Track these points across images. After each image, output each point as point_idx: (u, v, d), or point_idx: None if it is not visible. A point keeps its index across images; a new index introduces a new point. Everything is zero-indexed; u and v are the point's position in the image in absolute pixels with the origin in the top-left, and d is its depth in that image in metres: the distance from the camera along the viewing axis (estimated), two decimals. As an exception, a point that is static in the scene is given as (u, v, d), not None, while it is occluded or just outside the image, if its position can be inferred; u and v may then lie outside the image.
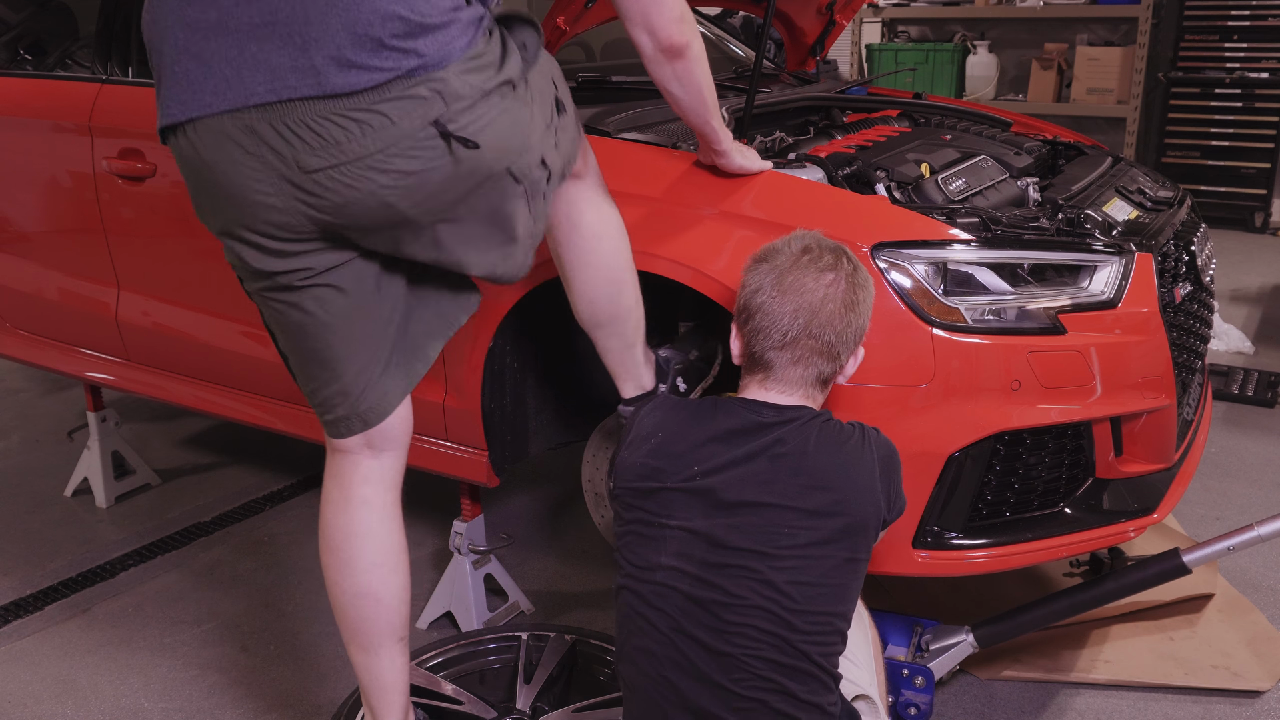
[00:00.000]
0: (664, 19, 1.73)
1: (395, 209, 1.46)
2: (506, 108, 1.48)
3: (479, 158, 1.46)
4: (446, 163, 1.44)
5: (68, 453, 3.41)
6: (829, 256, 1.57)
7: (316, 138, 1.39)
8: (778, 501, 1.48)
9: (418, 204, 1.47)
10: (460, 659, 2.17)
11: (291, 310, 1.58)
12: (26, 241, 2.92)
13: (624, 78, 2.58)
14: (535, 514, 3.02)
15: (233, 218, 1.50)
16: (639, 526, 1.55)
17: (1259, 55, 5.93)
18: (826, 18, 3.01)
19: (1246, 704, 2.17)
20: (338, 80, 1.36)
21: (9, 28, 2.99)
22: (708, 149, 1.94)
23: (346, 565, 1.72)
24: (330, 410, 1.68)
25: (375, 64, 1.37)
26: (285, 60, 1.37)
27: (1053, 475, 1.95)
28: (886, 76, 5.75)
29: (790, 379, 1.56)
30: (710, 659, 1.48)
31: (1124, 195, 2.34)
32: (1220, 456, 3.27)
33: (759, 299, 1.56)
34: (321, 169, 1.41)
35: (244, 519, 3.04)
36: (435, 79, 1.39)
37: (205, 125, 1.43)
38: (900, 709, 2.01)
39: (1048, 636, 2.30)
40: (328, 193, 1.43)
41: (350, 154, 1.40)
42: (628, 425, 1.64)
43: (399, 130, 1.40)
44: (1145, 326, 1.92)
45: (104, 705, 2.24)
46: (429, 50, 1.39)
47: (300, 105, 1.38)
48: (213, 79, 1.41)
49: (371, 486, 1.72)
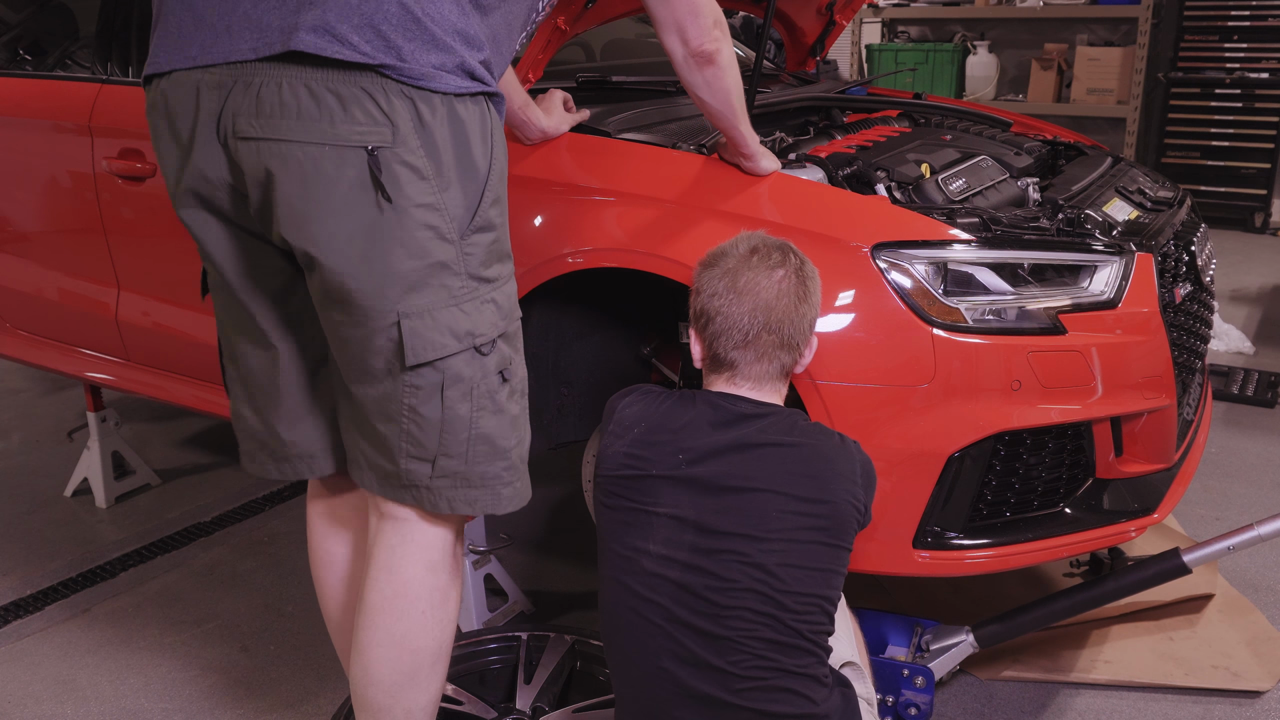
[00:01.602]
0: (698, 26, 1.73)
1: (270, 185, 1.37)
2: (433, 224, 1.39)
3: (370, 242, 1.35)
4: (358, 203, 1.35)
5: (68, 453, 3.41)
6: (777, 254, 1.61)
7: (258, 102, 1.34)
8: (765, 487, 1.51)
9: (292, 229, 1.38)
10: (460, 659, 2.17)
11: None
12: (27, 242, 2.92)
13: (624, 78, 2.57)
14: (535, 514, 3.02)
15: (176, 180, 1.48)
16: (623, 514, 1.56)
17: (1259, 55, 5.93)
18: (826, 18, 3.01)
19: (1246, 704, 2.17)
20: (308, 39, 1.31)
21: (9, 28, 2.99)
22: (735, 153, 1.95)
23: (340, 582, 1.72)
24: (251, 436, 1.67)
25: (353, 40, 1.32)
26: (275, 19, 1.34)
27: (1053, 475, 1.95)
28: (886, 76, 5.76)
29: (756, 374, 1.60)
30: (707, 644, 1.49)
31: (1124, 195, 2.34)
32: (1220, 456, 3.27)
33: (715, 303, 1.60)
34: (248, 137, 1.36)
35: (244, 519, 3.04)
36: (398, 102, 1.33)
37: (180, 77, 1.41)
38: (900, 709, 2.01)
39: (1048, 636, 2.30)
40: (243, 164, 1.38)
41: (276, 130, 1.34)
42: (607, 415, 1.66)
43: (331, 131, 1.33)
44: (1145, 326, 1.92)
45: (104, 705, 2.24)
46: (413, 59, 1.34)
47: (269, 65, 1.34)
48: (202, 33, 1.39)
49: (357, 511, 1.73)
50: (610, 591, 1.58)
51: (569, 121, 2.10)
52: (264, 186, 1.38)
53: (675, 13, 1.72)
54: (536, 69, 2.10)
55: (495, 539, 2.46)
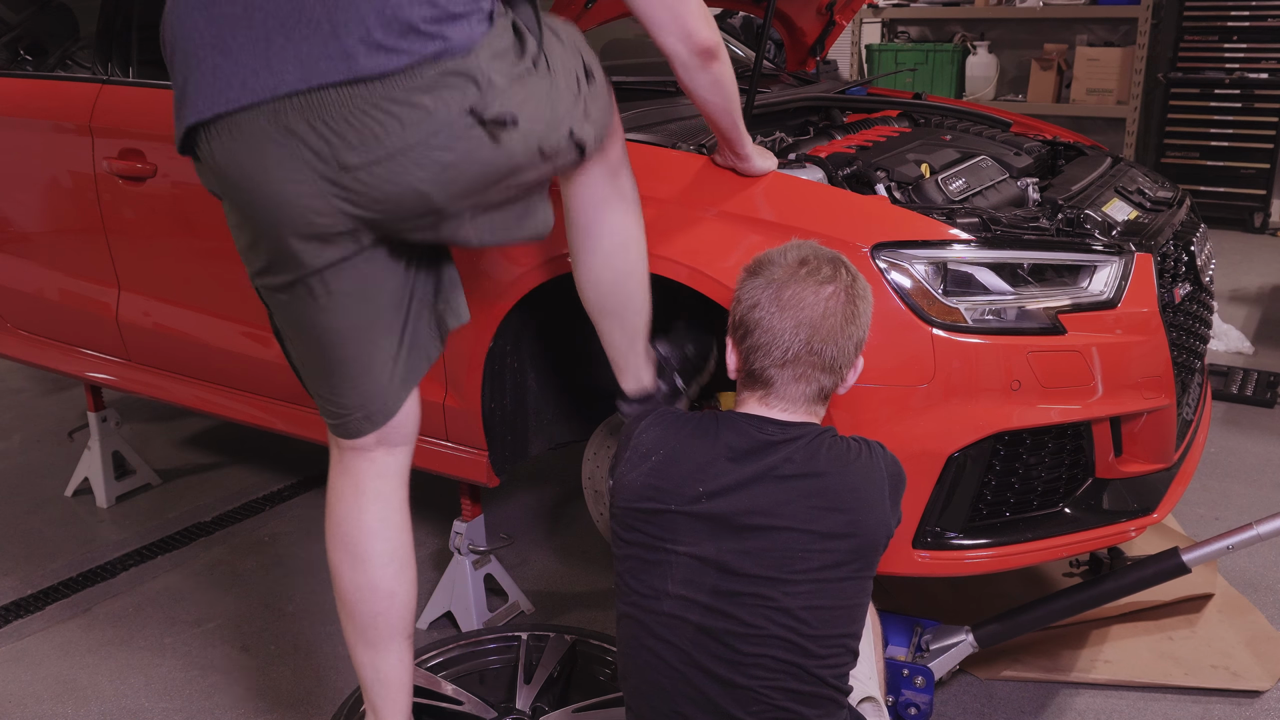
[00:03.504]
0: (697, 21, 1.70)
1: (430, 200, 1.46)
2: (533, 86, 1.49)
3: (513, 141, 1.47)
4: (484, 150, 1.45)
5: (68, 453, 3.41)
6: (827, 268, 1.50)
7: (354, 132, 1.38)
8: (790, 525, 1.43)
9: (453, 194, 1.48)
10: (460, 659, 2.17)
11: (307, 302, 1.58)
12: (27, 242, 2.92)
13: (624, 78, 2.57)
14: (535, 514, 3.02)
15: (274, 231, 1.49)
16: (641, 550, 1.50)
17: (1258, 56, 5.93)
18: (826, 18, 3.01)
19: (1246, 704, 2.17)
20: (368, 63, 1.36)
21: (9, 28, 2.99)
22: (730, 153, 1.92)
23: (361, 560, 1.71)
24: (344, 411, 1.68)
25: (404, 46, 1.36)
26: (315, 48, 1.36)
27: (1053, 475, 1.95)
28: (886, 77, 5.76)
29: (792, 396, 1.50)
30: (725, 692, 1.44)
31: (1123, 195, 2.34)
32: (1220, 456, 3.28)
33: (756, 314, 1.49)
34: (361, 165, 1.40)
35: (244, 519, 3.04)
36: (464, 67, 1.40)
37: (238, 123, 1.41)
38: (900, 709, 2.01)
39: (1048, 636, 2.30)
40: (366, 188, 1.42)
41: (390, 148, 1.40)
42: (624, 438, 1.59)
43: (436, 121, 1.40)
44: (1145, 326, 1.92)
45: (104, 705, 2.24)
46: (455, 36, 1.39)
47: (334, 93, 1.37)
48: (241, 71, 1.39)
49: (385, 480, 1.72)
50: (628, 628, 1.52)
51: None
52: (413, 193, 1.45)
53: (673, 11, 1.69)
54: (537, 69, 2.11)
55: (495, 539, 2.46)
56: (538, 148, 1.52)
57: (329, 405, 1.70)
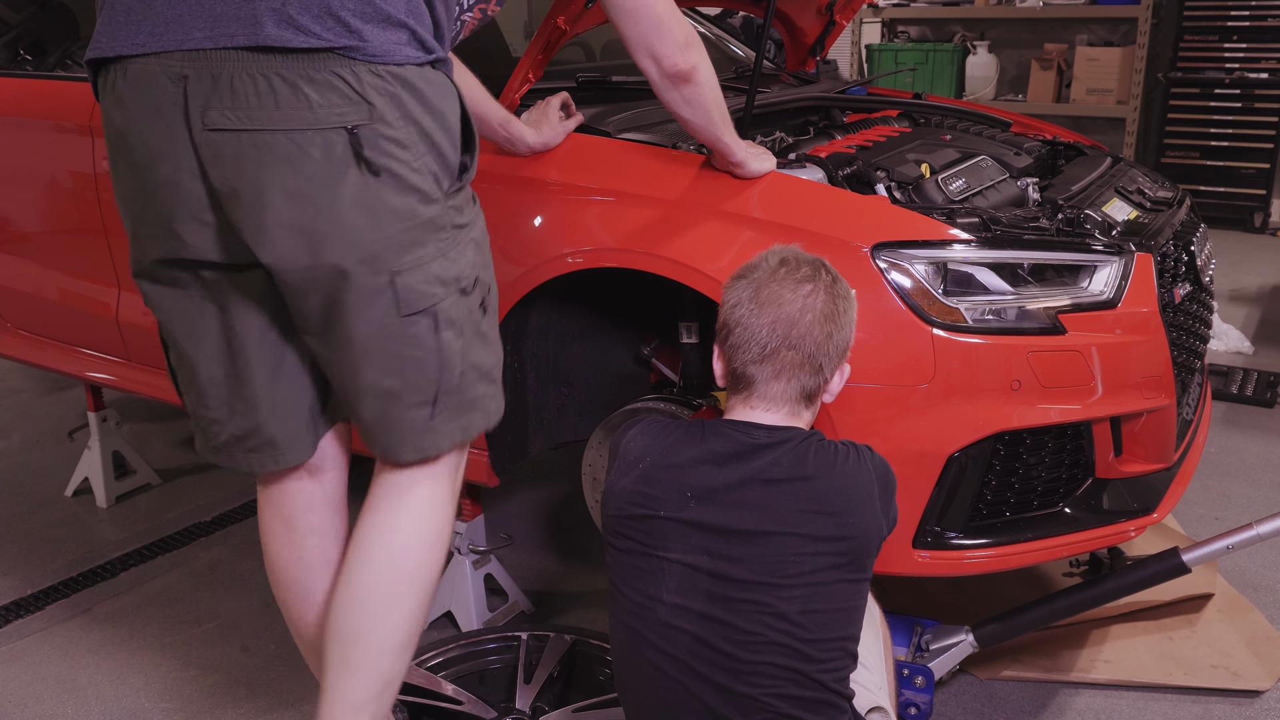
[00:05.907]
0: (667, 46, 1.69)
1: (266, 212, 1.37)
2: (427, 190, 1.43)
3: (378, 204, 1.38)
4: (348, 186, 1.36)
5: (68, 453, 3.41)
6: (807, 268, 1.53)
7: (233, 95, 1.34)
8: (780, 529, 1.43)
9: (296, 220, 1.38)
10: (460, 659, 2.17)
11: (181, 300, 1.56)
12: (27, 242, 2.92)
13: (624, 78, 2.58)
14: (535, 514, 3.02)
15: (153, 218, 1.45)
16: (633, 558, 1.50)
17: (1258, 56, 5.93)
18: (826, 18, 3.01)
19: (1246, 704, 2.17)
20: (273, 32, 1.32)
21: (9, 28, 2.99)
22: (724, 162, 1.94)
23: (307, 599, 1.66)
24: (245, 439, 1.58)
25: (314, 29, 1.33)
26: (228, 9, 1.34)
27: (1053, 475, 1.95)
28: (886, 76, 5.76)
29: (773, 394, 1.51)
30: (726, 701, 1.44)
31: (1123, 195, 2.34)
32: (1220, 456, 3.28)
33: (737, 314, 1.52)
34: (224, 129, 1.35)
35: (244, 519, 3.04)
36: (366, 80, 1.35)
37: (135, 68, 1.39)
38: (900, 709, 2.01)
39: (1048, 636, 2.30)
40: (219, 159, 1.36)
41: (256, 121, 1.34)
42: (613, 448, 1.59)
43: (311, 118, 1.34)
44: (1145, 326, 1.92)
45: (104, 705, 2.24)
46: (373, 39, 1.35)
47: (234, 56, 1.34)
48: (152, 19, 1.37)
49: (316, 513, 1.64)
50: (623, 636, 1.52)
51: (563, 132, 2.08)
52: (243, 178, 1.37)
53: (642, 30, 1.68)
54: (537, 69, 2.11)
55: (495, 539, 2.46)
56: (375, 254, 1.40)
57: (219, 429, 1.61)
